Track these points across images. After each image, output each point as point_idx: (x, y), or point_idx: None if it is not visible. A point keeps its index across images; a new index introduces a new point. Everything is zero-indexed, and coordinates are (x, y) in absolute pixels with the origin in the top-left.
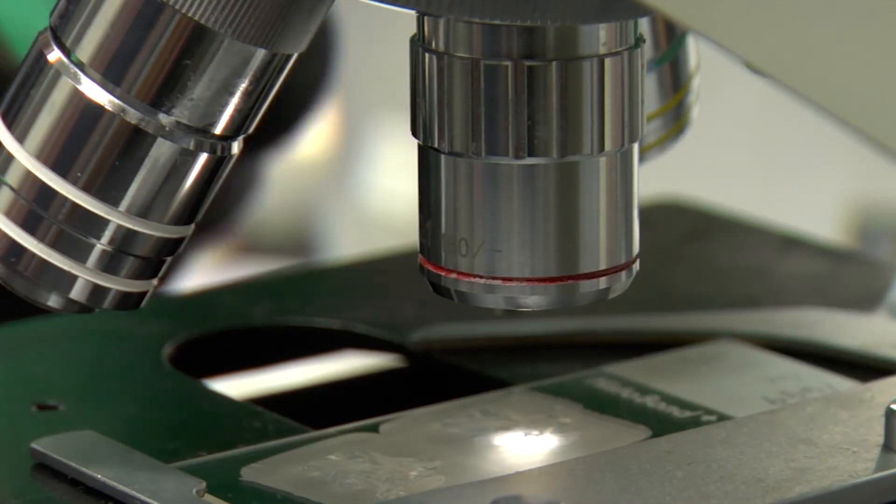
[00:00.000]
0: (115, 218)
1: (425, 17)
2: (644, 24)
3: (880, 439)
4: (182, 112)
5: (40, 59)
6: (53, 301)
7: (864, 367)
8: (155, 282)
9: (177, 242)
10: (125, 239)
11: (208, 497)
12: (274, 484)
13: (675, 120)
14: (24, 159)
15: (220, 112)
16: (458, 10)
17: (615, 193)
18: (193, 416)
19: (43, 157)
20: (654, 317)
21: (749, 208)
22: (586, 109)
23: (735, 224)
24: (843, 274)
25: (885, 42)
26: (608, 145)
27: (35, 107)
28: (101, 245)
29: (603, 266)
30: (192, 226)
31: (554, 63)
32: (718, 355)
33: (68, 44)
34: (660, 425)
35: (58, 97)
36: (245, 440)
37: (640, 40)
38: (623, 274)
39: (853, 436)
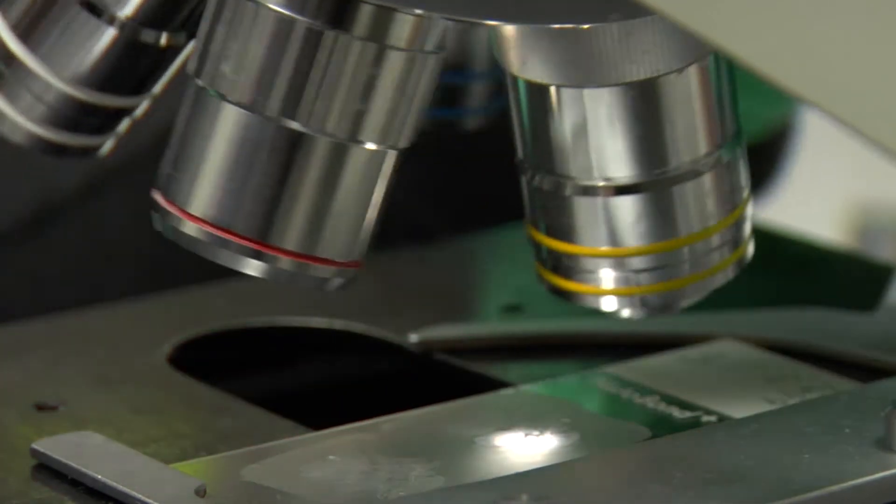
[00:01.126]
0: (55, 81)
1: None
2: (701, 128)
3: (880, 439)
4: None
5: None
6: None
7: (864, 367)
8: (102, 140)
9: (119, 111)
10: (63, 100)
11: (208, 497)
12: (274, 484)
13: (735, 245)
14: None
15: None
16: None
17: (357, 188)
18: (193, 416)
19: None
20: (654, 317)
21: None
22: (354, 91)
23: None
24: (843, 274)
25: (886, 42)
26: (364, 136)
27: None
28: (41, 100)
29: (327, 255)
30: (141, 98)
31: (337, 34)
32: (718, 355)
33: None
34: (660, 425)
35: None
36: (245, 440)
37: (438, 49)
38: (339, 270)
39: (853, 436)
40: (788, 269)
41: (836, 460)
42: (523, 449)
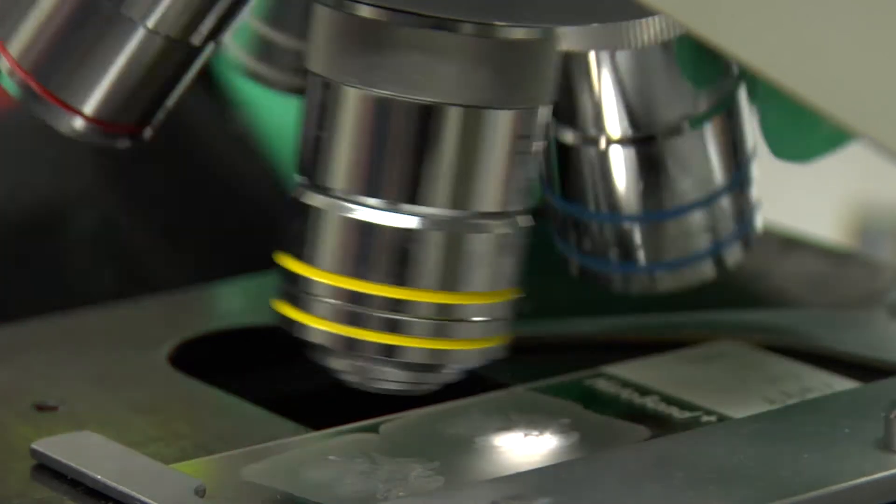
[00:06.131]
0: None
1: None
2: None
3: (880, 439)
4: None
5: None
6: None
7: (864, 367)
8: None
9: None
10: None
11: (208, 497)
12: (274, 484)
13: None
14: None
15: None
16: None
17: (135, 63)
18: (193, 416)
19: None
20: (654, 317)
21: None
22: None
23: None
24: (843, 274)
25: (885, 42)
26: (135, 15)
27: None
28: None
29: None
30: None
31: None
32: (718, 355)
33: None
34: (659, 425)
35: None
36: (245, 440)
37: None
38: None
39: (853, 436)
40: (788, 269)
41: (835, 460)
42: (523, 449)
